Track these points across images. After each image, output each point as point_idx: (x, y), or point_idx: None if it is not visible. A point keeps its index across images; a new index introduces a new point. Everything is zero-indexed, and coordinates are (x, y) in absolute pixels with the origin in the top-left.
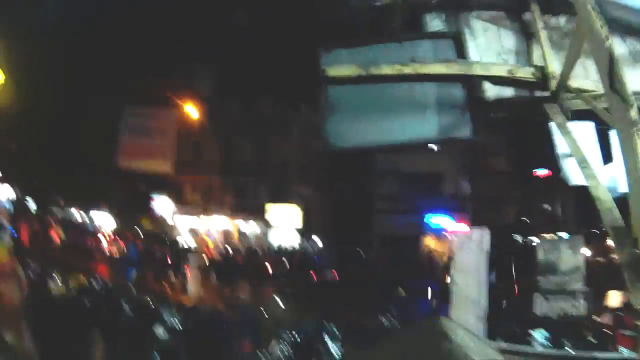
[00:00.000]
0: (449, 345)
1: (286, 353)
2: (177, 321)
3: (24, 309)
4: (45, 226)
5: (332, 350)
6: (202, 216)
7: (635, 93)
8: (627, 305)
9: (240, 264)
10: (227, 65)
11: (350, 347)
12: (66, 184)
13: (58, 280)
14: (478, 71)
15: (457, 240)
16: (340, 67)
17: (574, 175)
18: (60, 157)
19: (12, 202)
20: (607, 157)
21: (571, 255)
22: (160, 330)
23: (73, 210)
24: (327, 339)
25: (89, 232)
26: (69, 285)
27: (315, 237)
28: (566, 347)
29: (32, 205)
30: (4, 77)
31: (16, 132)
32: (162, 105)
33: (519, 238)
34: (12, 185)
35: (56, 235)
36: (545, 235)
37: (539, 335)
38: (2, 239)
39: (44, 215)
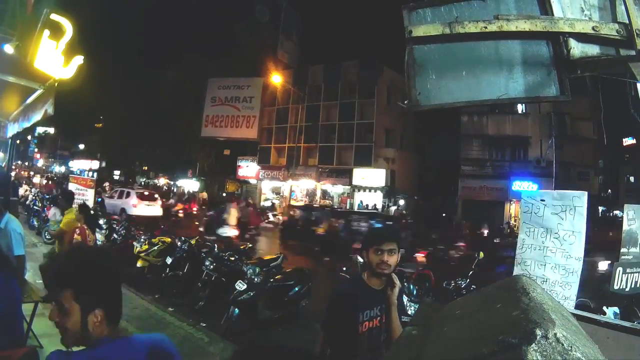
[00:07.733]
0: (528, 300)
1: None
2: (257, 276)
3: None
4: (130, 193)
5: (410, 310)
6: (287, 179)
7: None
8: None
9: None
10: (310, 31)
11: (426, 303)
12: (152, 154)
13: (142, 241)
14: (563, 27)
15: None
16: (426, 26)
17: None
18: (146, 128)
19: (98, 172)
20: None
21: None
22: (240, 285)
23: (160, 178)
24: (404, 298)
25: (174, 196)
26: (153, 245)
27: (400, 200)
28: (637, 322)
29: (117, 174)
30: (83, 57)
31: (101, 106)
32: (247, 74)
33: (601, 209)
34: (98, 158)
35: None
36: (631, 205)
37: (610, 310)
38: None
39: (129, 184)
